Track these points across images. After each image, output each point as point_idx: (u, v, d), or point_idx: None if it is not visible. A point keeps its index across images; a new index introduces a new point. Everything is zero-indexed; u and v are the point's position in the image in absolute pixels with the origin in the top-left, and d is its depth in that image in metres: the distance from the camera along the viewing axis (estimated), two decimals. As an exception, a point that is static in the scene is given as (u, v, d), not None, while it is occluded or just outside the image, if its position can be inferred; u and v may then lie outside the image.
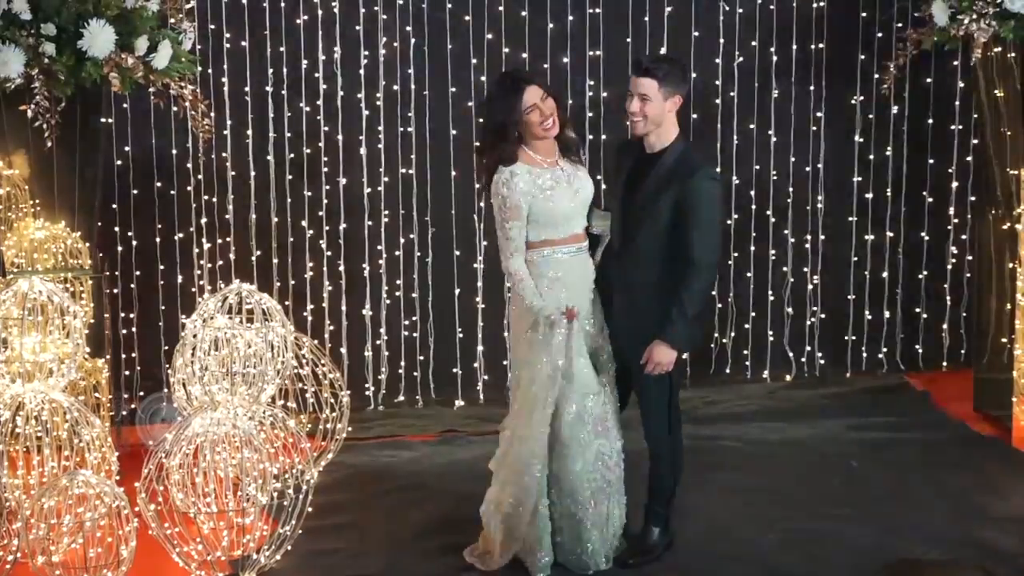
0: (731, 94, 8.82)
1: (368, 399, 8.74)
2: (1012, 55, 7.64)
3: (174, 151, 8.36)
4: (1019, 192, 7.79)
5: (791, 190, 8.98)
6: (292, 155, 8.52)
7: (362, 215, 8.62)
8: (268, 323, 6.82)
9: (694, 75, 8.73)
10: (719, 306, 9.03)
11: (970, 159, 8.84)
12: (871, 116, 8.92)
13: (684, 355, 6.37)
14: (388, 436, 8.30)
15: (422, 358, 8.82)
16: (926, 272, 9.11)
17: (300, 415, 7.52)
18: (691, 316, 5.97)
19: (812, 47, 8.81)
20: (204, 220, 8.46)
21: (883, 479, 7.34)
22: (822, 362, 9.17)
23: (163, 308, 8.47)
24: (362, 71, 8.50)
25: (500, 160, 6.02)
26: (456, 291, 8.75)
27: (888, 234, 9.06)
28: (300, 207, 8.57)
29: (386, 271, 8.70)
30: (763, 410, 8.61)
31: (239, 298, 6.81)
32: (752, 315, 9.08)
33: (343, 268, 8.64)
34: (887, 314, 9.15)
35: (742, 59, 8.80)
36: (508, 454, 6.22)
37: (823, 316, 9.14)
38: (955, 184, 8.96)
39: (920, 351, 9.18)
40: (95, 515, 6.01)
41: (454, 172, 8.63)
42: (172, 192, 8.41)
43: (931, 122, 8.89)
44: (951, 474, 7.38)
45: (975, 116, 8.46)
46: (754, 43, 8.79)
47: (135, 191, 8.36)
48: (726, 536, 6.62)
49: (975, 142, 8.66)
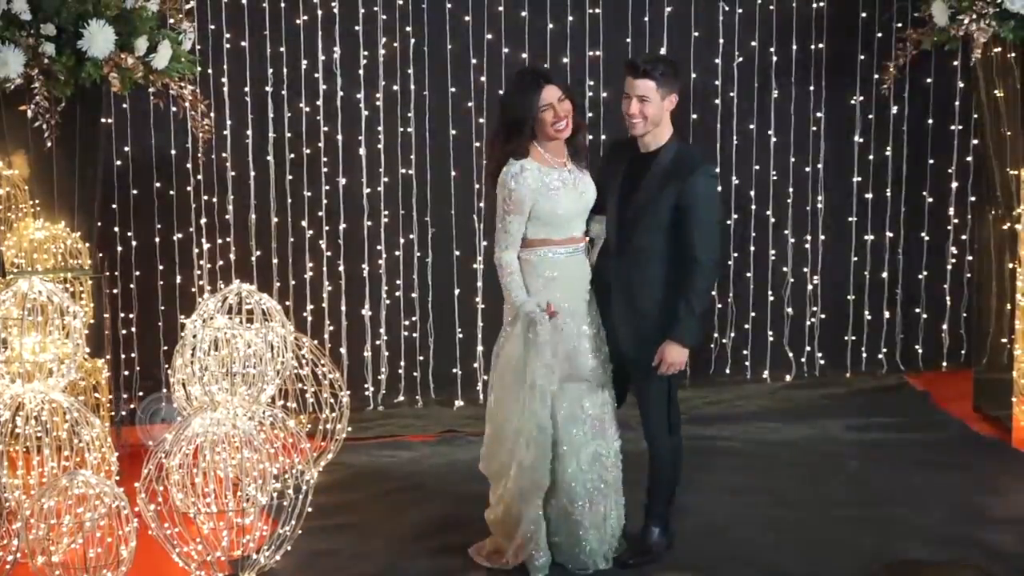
0: (731, 94, 8.83)
1: (368, 399, 8.75)
2: (1012, 55, 7.64)
3: (174, 151, 8.36)
4: (1019, 192, 7.79)
5: (791, 190, 8.99)
6: (292, 155, 8.52)
7: (362, 215, 8.63)
8: (268, 323, 6.81)
9: (694, 75, 8.75)
10: (719, 306, 9.03)
11: (970, 159, 8.85)
12: (871, 116, 8.92)
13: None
14: (388, 436, 8.31)
15: (422, 358, 8.82)
16: (926, 272, 9.11)
17: (300, 415, 7.51)
18: (699, 314, 6.01)
19: (812, 47, 8.81)
20: (204, 220, 8.46)
21: (882, 479, 7.34)
22: (822, 362, 9.17)
23: (163, 308, 8.47)
24: (362, 71, 8.50)
25: (511, 153, 6.02)
26: (456, 291, 8.75)
27: (888, 234, 9.06)
28: (300, 207, 8.57)
29: (386, 271, 8.70)
30: (763, 410, 8.62)
31: (239, 298, 6.80)
32: (752, 315, 9.08)
33: (343, 268, 8.64)
34: (887, 314, 9.15)
35: (742, 59, 8.80)
36: (503, 451, 6.22)
37: (823, 316, 9.14)
38: (955, 184, 8.97)
39: (920, 351, 9.18)
40: (95, 515, 6.01)
41: (454, 172, 8.63)
42: (172, 192, 8.41)
43: (931, 122, 8.90)
44: (950, 474, 7.38)
45: (975, 116, 8.46)
46: (754, 43, 8.80)
47: (135, 191, 8.36)
48: (725, 536, 6.62)
49: (975, 142, 8.66)
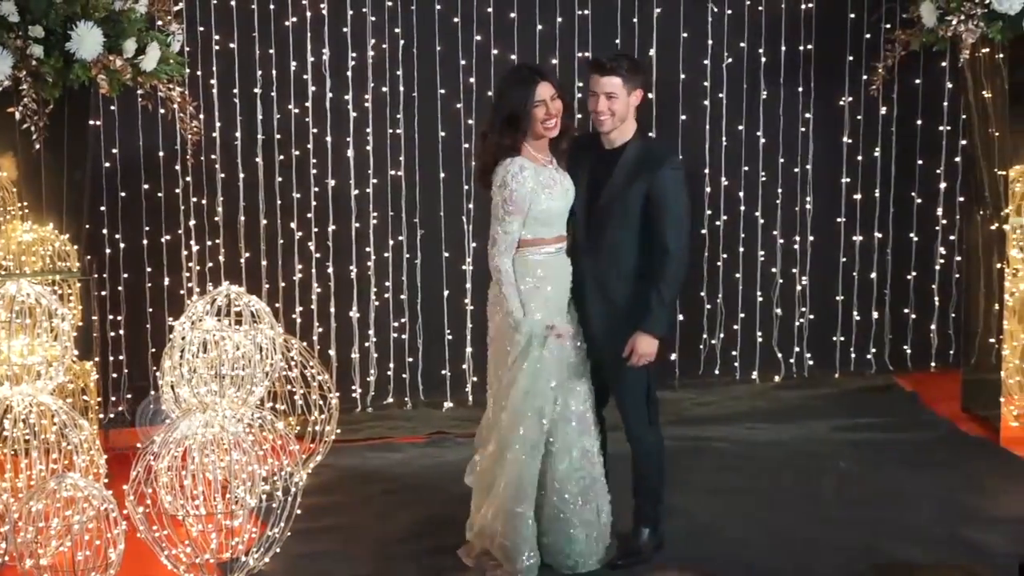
0: (720, 95, 8.83)
1: (357, 401, 8.74)
2: (1000, 56, 7.66)
3: (162, 153, 8.34)
4: (1007, 192, 7.81)
5: (780, 191, 8.99)
6: (281, 157, 8.51)
7: (351, 217, 8.62)
8: (257, 325, 6.81)
9: (683, 76, 8.76)
10: (708, 307, 9.04)
11: (958, 160, 8.86)
12: (860, 117, 8.93)
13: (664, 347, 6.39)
14: (377, 438, 8.31)
15: (411, 360, 8.81)
16: (914, 273, 9.12)
17: (289, 417, 7.51)
18: (669, 304, 6.09)
19: (800, 48, 8.82)
20: (193, 222, 8.45)
21: (871, 479, 7.36)
22: (811, 363, 9.18)
23: (151, 310, 8.45)
24: (350, 73, 8.50)
25: (506, 149, 6.02)
26: (445, 293, 8.75)
27: (877, 235, 9.07)
28: (289, 209, 8.56)
29: (375, 273, 8.69)
30: (752, 411, 8.63)
31: (228, 300, 6.80)
32: (741, 316, 9.09)
33: (332, 270, 8.63)
34: (875, 315, 9.16)
35: (731, 60, 8.81)
36: (502, 469, 6.24)
37: (812, 317, 9.15)
38: (943, 185, 8.98)
39: (908, 351, 9.19)
40: (83, 518, 6.00)
41: (443, 174, 8.63)
42: (160, 194, 8.40)
43: (919, 123, 8.91)
44: (939, 474, 7.39)
45: (963, 117, 8.47)
46: (742, 44, 8.80)
47: (123, 193, 8.35)
48: (714, 536, 6.62)
49: (963, 143, 8.68)
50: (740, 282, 9.06)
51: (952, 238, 9.03)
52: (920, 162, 8.98)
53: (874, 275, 9.12)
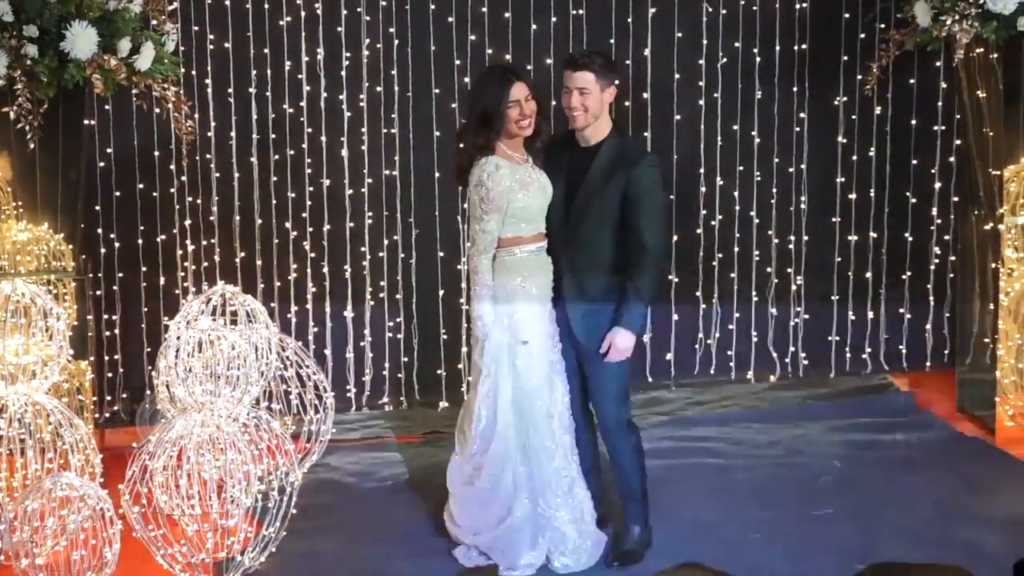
0: (714, 95, 8.83)
1: (352, 401, 8.74)
2: (994, 56, 7.66)
3: (157, 153, 8.34)
4: (1001, 192, 7.81)
5: (775, 191, 9.00)
6: (276, 157, 8.51)
7: (345, 217, 8.62)
8: (252, 325, 6.81)
9: (677, 76, 8.76)
10: (703, 307, 9.04)
11: (953, 159, 8.86)
12: (854, 117, 8.93)
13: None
14: (372, 438, 8.31)
15: (406, 359, 8.81)
16: (909, 272, 9.12)
17: (284, 417, 7.50)
18: (648, 301, 6.12)
19: (795, 48, 8.83)
20: (188, 222, 8.44)
21: (866, 479, 7.35)
22: (806, 363, 9.17)
23: (147, 310, 8.44)
24: (345, 72, 8.49)
25: (480, 148, 6.06)
26: (440, 292, 8.74)
27: (871, 235, 9.07)
28: (284, 209, 8.56)
29: (370, 272, 8.69)
30: (747, 411, 8.63)
31: (223, 300, 6.80)
32: (736, 316, 9.08)
33: (327, 269, 8.63)
34: (871, 314, 9.16)
35: (725, 60, 8.81)
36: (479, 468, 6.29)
37: (807, 317, 9.15)
38: (938, 184, 8.98)
39: (903, 351, 9.19)
40: (79, 517, 6.00)
41: (437, 173, 8.63)
42: (155, 194, 8.39)
43: (914, 123, 8.91)
44: (934, 474, 7.39)
45: (958, 117, 8.48)
46: (737, 44, 8.81)
47: (118, 193, 8.34)
48: (710, 536, 6.62)
49: (958, 143, 8.68)
50: (735, 282, 9.06)
51: (947, 238, 9.03)
52: (915, 162, 8.98)
53: (869, 275, 9.12)
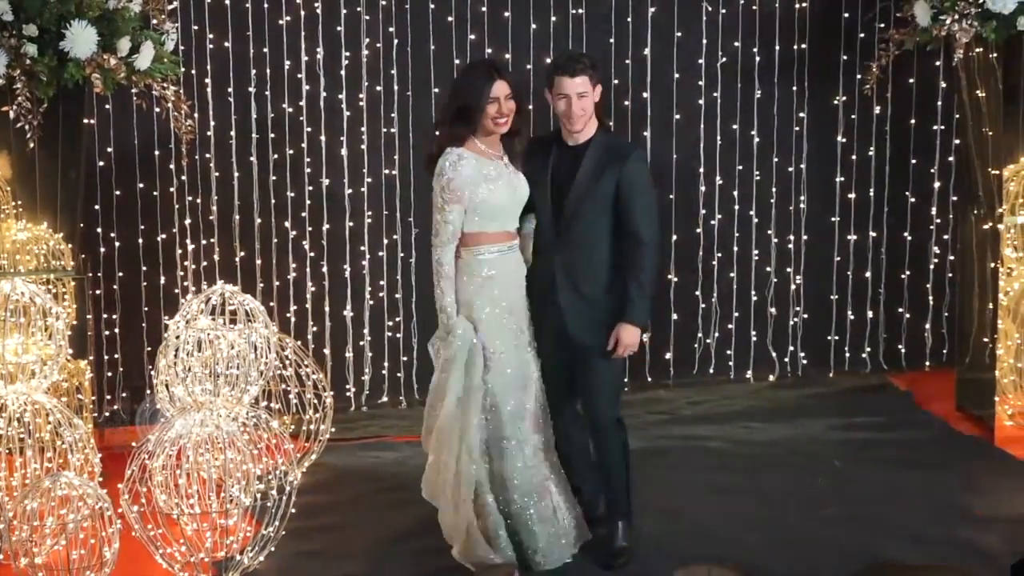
0: (714, 94, 8.84)
1: (351, 400, 8.74)
2: (994, 55, 7.66)
3: (157, 152, 8.34)
4: (1001, 192, 7.81)
5: (774, 190, 9.00)
6: (275, 156, 8.51)
7: (345, 216, 8.62)
8: (251, 324, 6.81)
9: (677, 75, 8.76)
10: (703, 306, 9.04)
11: (952, 159, 8.87)
12: (854, 116, 8.94)
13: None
14: (371, 437, 8.30)
15: (405, 359, 8.81)
16: (908, 272, 9.12)
17: (283, 416, 7.50)
18: (650, 294, 6.14)
19: (795, 48, 8.83)
20: (188, 221, 8.44)
21: (866, 479, 7.35)
22: (805, 362, 9.18)
23: (146, 309, 8.45)
24: (344, 72, 8.50)
25: (450, 139, 6.07)
26: (439, 291, 8.74)
27: (871, 234, 9.08)
28: (283, 208, 8.56)
29: (369, 272, 8.69)
30: (746, 410, 8.62)
31: (222, 299, 6.80)
32: (735, 315, 9.09)
33: (326, 269, 8.64)
34: (870, 314, 9.17)
35: (725, 60, 8.81)
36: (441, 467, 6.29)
37: (806, 316, 9.15)
38: (937, 184, 8.99)
39: (903, 351, 9.20)
40: (78, 517, 5.99)
41: (437, 173, 8.62)
42: (155, 193, 8.39)
43: (913, 122, 8.91)
44: (933, 474, 7.38)
45: (957, 116, 8.47)
46: (737, 44, 8.81)
47: (118, 192, 8.34)
48: (709, 536, 6.62)
49: (957, 142, 8.68)
50: (735, 281, 9.06)
51: (946, 237, 9.04)
52: (914, 161, 8.99)
53: (868, 274, 9.13)
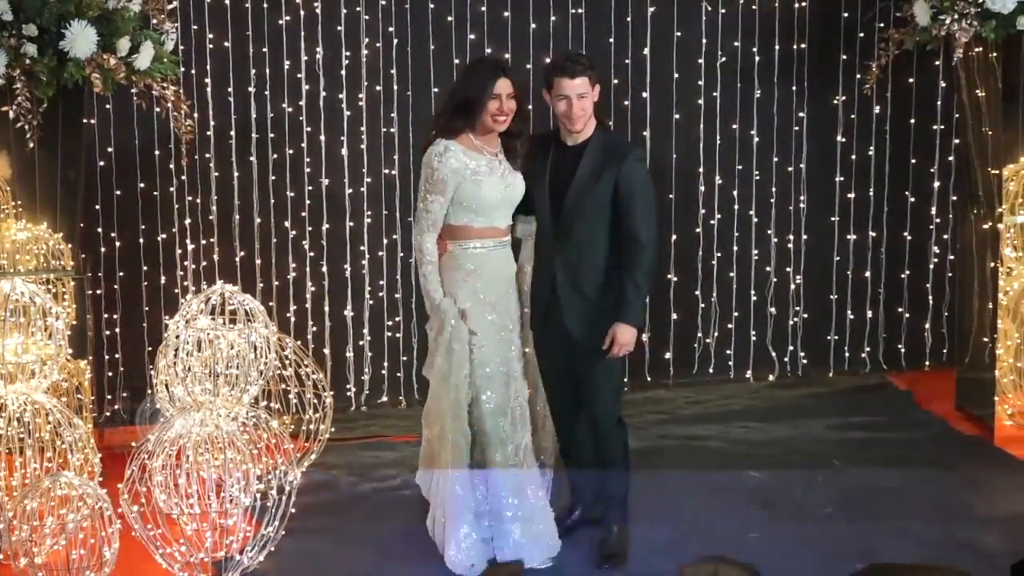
0: (714, 94, 8.84)
1: (351, 400, 8.74)
2: (993, 55, 7.66)
3: (157, 152, 8.34)
4: (1000, 191, 7.81)
5: (774, 190, 9.00)
6: (275, 156, 8.51)
7: (345, 216, 8.62)
8: (251, 324, 6.80)
9: (676, 75, 8.76)
10: (702, 306, 9.04)
11: (952, 159, 8.87)
12: (853, 116, 8.94)
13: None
14: (371, 437, 8.30)
15: (405, 359, 8.81)
16: (908, 272, 9.12)
17: (283, 416, 7.50)
18: (646, 294, 6.15)
19: (794, 47, 8.83)
20: (187, 221, 8.44)
21: (865, 478, 7.35)
22: (805, 362, 9.18)
23: (146, 309, 8.44)
24: (344, 72, 8.50)
25: (445, 131, 6.07)
26: (439, 291, 8.74)
27: (871, 234, 9.08)
28: (283, 208, 8.56)
29: (369, 272, 8.69)
30: (746, 410, 8.62)
31: (222, 299, 6.79)
32: (735, 315, 9.09)
33: (326, 269, 8.64)
34: (870, 314, 9.17)
35: (724, 59, 8.82)
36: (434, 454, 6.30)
37: (806, 316, 9.15)
38: (937, 184, 8.99)
39: (902, 350, 9.20)
40: (78, 516, 5.99)
41: (437, 172, 8.62)
42: (155, 193, 8.39)
43: (913, 122, 8.92)
44: (933, 473, 7.38)
45: (957, 116, 8.46)
46: (736, 43, 8.81)
47: (118, 192, 8.34)
48: (709, 536, 6.62)
49: (957, 142, 8.68)
50: (734, 281, 9.06)
51: (946, 237, 9.04)
52: (914, 161, 8.99)
53: (868, 274, 9.13)
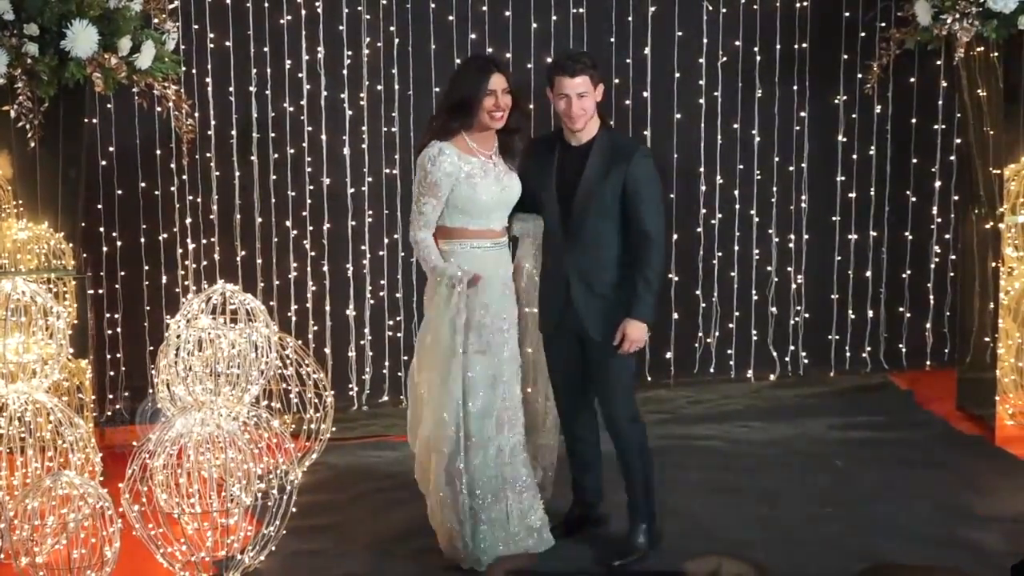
0: (715, 94, 8.83)
1: (352, 399, 8.74)
2: (995, 54, 7.66)
3: (158, 151, 8.34)
4: (1002, 191, 7.81)
5: (775, 189, 8.99)
6: (276, 155, 8.51)
7: (346, 215, 8.62)
8: (252, 323, 6.80)
9: (677, 75, 8.76)
10: (703, 305, 9.04)
11: (953, 158, 8.86)
12: (854, 116, 8.93)
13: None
14: (372, 436, 8.30)
15: (406, 358, 8.78)
16: (909, 271, 9.12)
17: (284, 415, 7.50)
18: (656, 290, 6.13)
19: (795, 47, 8.83)
20: (188, 220, 8.44)
21: (866, 478, 7.35)
22: (806, 361, 9.17)
23: (147, 308, 8.45)
24: (345, 71, 8.49)
25: (441, 132, 6.07)
26: (440, 291, 8.74)
27: (872, 233, 9.07)
28: (284, 207, 8.56)
29: (370, 271, 8.69)
30: (747, 410, 8.62)
31: (223, 298, 6.80)
32: (736, 315, 9.08)
33: (327, 268, 8.63)
34: (871, 313, 9.16)
35: (725, 59, 8.81)
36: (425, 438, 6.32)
37: (807, 315, 9.15)
38: (938, 183, 8.98)
39: (903, 350, 9.19)
40: (79, 516, 5.99)
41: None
42: (156, 192, 8.39)
43: (914, 121, 8.91)
44: (934, 473, 7.39)
45: (958, 115, 8.47)
46: (737, 43, 8.81)
47: (119, 191, 8.34)
48: (710, 536, 6.61)
49: (958, 141, 8.68)
50: (735, 280, 9.05)
51: (947, 236, 9.03)
52: (915, 161, 8.98)
53: (869, 273, 9.12)
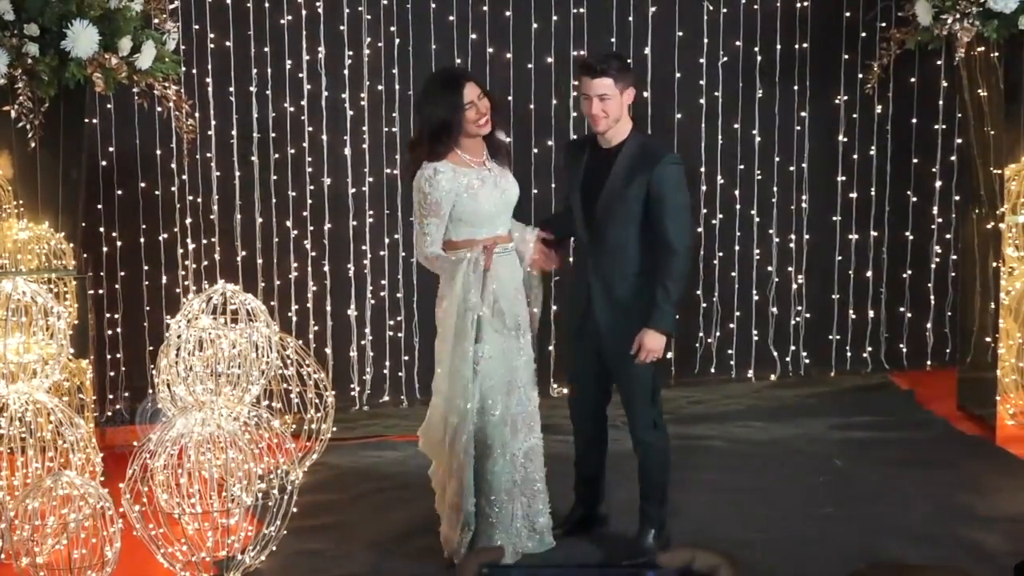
0: (715, 94, 8.84)
1: (353, 399, 8.74)
2: (995, 54, 7.66)
3: (158, 151, 8.35)
4: (1002, 191, 7.81)
5: (775, 189, 9.00)
6: (276, 155, 8.51)
7: (347, 215, 8.62)
8: (253, 323, 6.80)
9: (678, 75, 8.76)
10: (704, 305, 9.04)
11: (954, 158, 8.87)
12: (855, 115, 8.94)
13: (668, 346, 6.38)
14: (373, 436, 8.30)
15: (407, 358, 8.81)
16: (910, 271, 9.12)
17: (285, 416, 7.50)
18: (676, 300, 6.06)
19: (796, 47, 8.83)
20: (189, 220, 8.45)
21: (867, 478, 7.35)
22: (807, 361, 9.18)
23: (148, 309, 8.45)
24: (346, 71, 8.50)
25: (428, 156, 6.02)
26: (441, 291, 8.74)
27: (872, 233, 9.08)
28: (285, 207, 8.56)
29: (371, 271, 8.70)
30: (748, 410, 8.62)
31: (223, 298, 6.80)
32: (737, 315, 9.09)
33: (328, 268, 8.64)
34: (871, 313, 9.17)
35: (726, 59, 8.82)
36: (436, 427, 6.27)
37: (808, 315, 9.15)
38: (939, 183, 8.99)
39: (904, 350, 9.20)
40: (79, 516, 6.00)
41: (439, 172, 8.62)
42: (157, 192, 8.40)
43: (915, 121, 8.92)
44: (935, 473, 7.38)
45: (959, 115, 8.48)
46: (738, 43, 8.81)
47: (119, 191, 8.35)
48: (710, 535, 6.59)
49: (959, 141, 8.68)
50: (736, 281, 9.06)
51: (948, 236, 9.04)
52: (916, 161, 8.99)
53: (870, 273, 9.13)
